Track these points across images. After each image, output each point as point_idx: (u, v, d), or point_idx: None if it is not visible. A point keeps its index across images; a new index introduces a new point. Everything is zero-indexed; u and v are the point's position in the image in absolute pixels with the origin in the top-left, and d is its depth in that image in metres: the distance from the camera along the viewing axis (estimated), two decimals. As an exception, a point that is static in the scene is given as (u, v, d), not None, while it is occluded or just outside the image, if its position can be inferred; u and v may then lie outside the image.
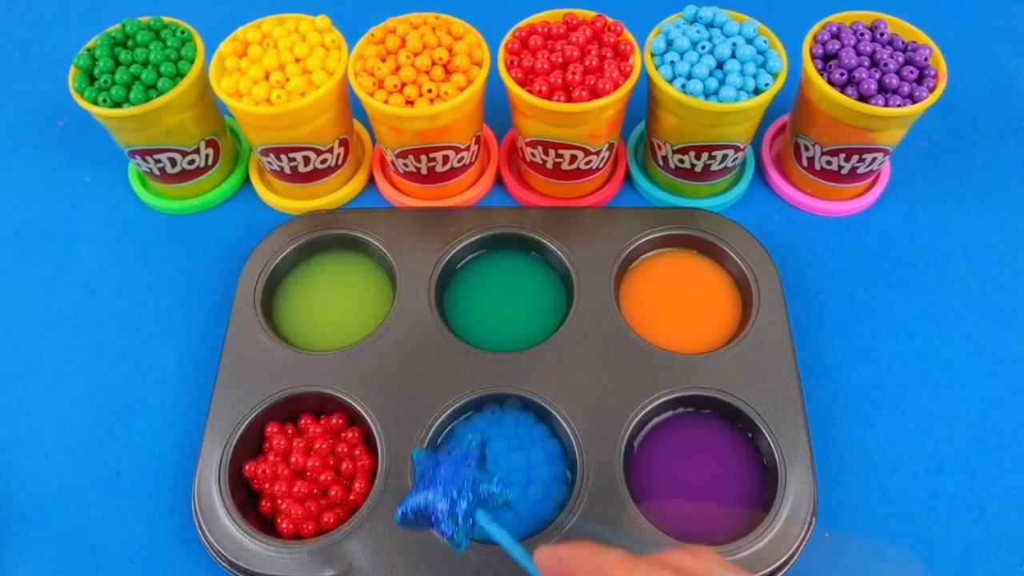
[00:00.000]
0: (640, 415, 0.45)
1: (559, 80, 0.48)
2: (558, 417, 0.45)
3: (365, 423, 0.45)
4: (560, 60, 0.48)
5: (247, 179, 0.59)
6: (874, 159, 0.51)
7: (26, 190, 0.59)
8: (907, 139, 0.53)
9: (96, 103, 0.49)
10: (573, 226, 0.52)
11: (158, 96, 0.49)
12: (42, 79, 0.66)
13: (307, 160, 0.53)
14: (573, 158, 0.51)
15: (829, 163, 0.52)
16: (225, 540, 0.41)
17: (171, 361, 0.51)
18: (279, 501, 0.43)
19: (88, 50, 0.51)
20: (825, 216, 0.56)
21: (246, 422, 0.45)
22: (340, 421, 0.46)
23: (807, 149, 0.53)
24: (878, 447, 0.46)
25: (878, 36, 0.50)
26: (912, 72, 0.48)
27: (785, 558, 0.40)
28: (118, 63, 0.50)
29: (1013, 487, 0.45)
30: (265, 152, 0.52)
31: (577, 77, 0.47)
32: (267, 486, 0.44)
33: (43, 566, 0.44)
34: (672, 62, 0.49)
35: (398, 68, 0.49)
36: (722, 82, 0.48)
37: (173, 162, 0.54)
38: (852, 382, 0.49)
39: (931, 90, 0.48)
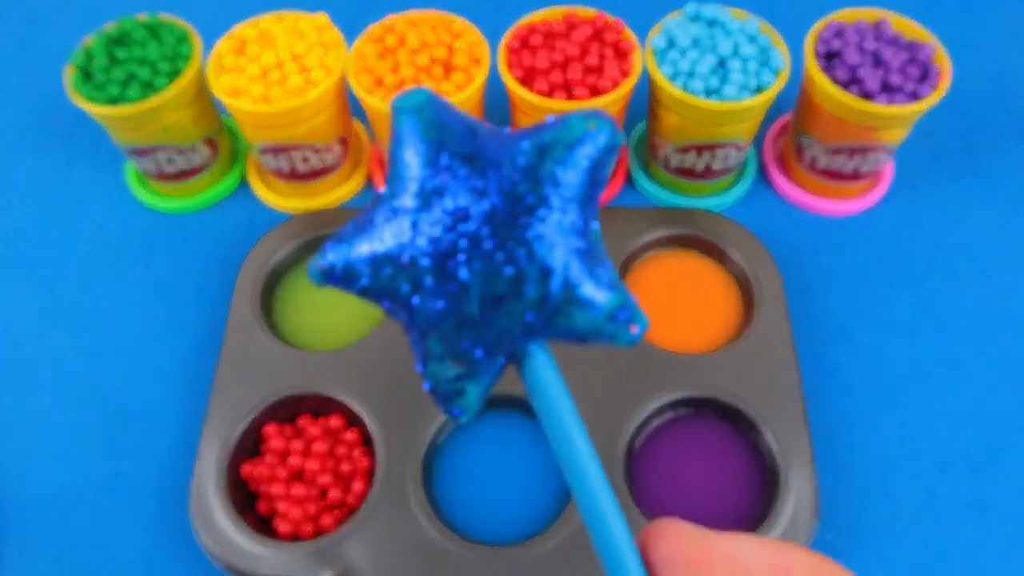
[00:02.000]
0: (641, 416, 0.44)
1: (559, 79, 0.47)
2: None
3: (364, 424, 0.45)
4: (560, 59, 0.48)
5: (245, 178, 0.59)
6: (877, 158, 0.51)
7: (22, 189, 0.59)
8: (911, 138, 0.53)
9: (93, 101, 0.49)
10: (573, 225, 0.52)
11: (155, 94, 0.49)
12: (38, 78, 0.65)
13: (305, 159, 0.52)
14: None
15: (832, 162, 0.52)
16: (222, 541, 0.41)
17: (169, 361, 0.51)
18: (277, 502, 0.43)
19: (84, 48, 0.51)
20: (827, 215, 0.55)
21: (244, 423, 0.45)
22: (339, 422, 0.46)
23: (809, 148, 0.52)
24: (880, 448, 0.46)
25: (881, 34, 0.50)
26: (916, 70, 0.48)
27: (787, 561, 0.40)
28: (115, 61, 0.50)
29: (1016, 488, 0.45)
30: (263, 151, 0.52)
31: (578, 76, 0.47)
32: (265, 487, 0.43)
33: (41, 568, 0.44)
34: (673, 60, 0.49)
35: (397, 66, 0.49)
36: (724, 80, 0.48)
37: (171, 161, 0.54)
38: (854, 383, 0.48)
39: (935, 88, 0.47)
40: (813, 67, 0.49)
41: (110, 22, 0.52)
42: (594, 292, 0.15)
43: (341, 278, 0.17)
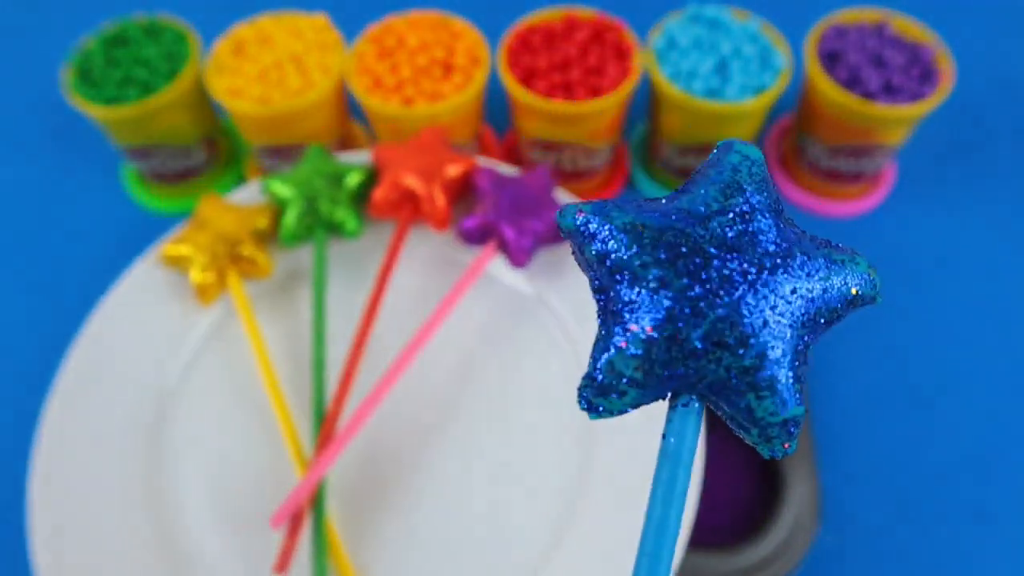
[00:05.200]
0: (642, 419, 0.44)
1: (559, 79, 0.47)
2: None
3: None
4: (560, 59, 0.48)
5: (244, 179, 0.58)
6: (879, 159, 0.51)
7: (20, 190, 0.59)
8: (912, 139, 0.53)
9: (91, 102, 0.49)
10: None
11: (153, 95, 0.49)
12: (36, 78, 0.65)
13: (304, 160, 0.52)
14: (574, 158, 0.51)
15: (833, 163, 0.52)
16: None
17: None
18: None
19: (83, 49, 0.50)
20: (829, 217, 0.55)
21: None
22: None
23: (811, 149, 0.52)
24: (882, 450, 0.46)
25: (883, 35, 0.49)
26: (917, 71, 0.47)
27: (787, 563, 0.40)
28: (113, 62, 0.50)
29: (1018, 490, 0.45)
30: (262, 152, 0.52)
31: (578, 77, 0.47)
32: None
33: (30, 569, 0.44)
34: (674, 61, 0.48)
35: (396, 67, 0.48)
36: (725, 81, 0.47)
37: (169, 162, 0.53)
38: (856, 385, 0.48)
39: (936, 89, 0.47)
40: (814, 68, 0.48)
41: (108, 22, 0.51)
42: (786, 392, 0.15)
43: (587, 236, 0.15)
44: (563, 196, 0.44)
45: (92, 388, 0.42)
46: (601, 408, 0.15)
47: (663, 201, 0.16)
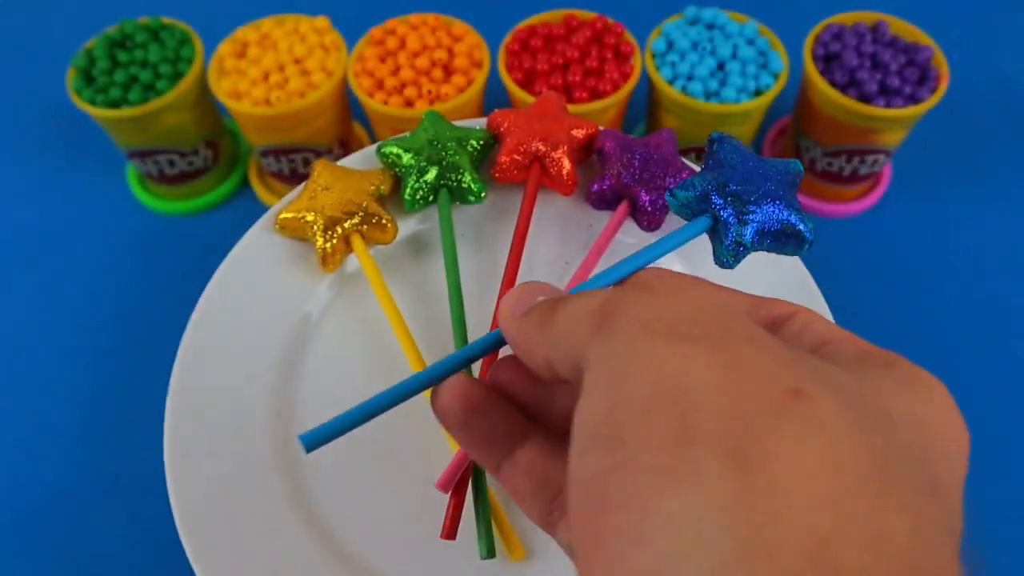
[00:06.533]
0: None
1: (559, 81, 0.47)
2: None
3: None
4: (560, 61, 0.48)
5: (246, 180, 0.59)
6: (876, 160, 0.51)
7: (24, 191, 0.59)
8: (908, 140, 0.53)
9: (94, 104, 0.49)
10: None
11: (157, 97, 0.49)
12: (40, 80, 0.66)
13: (307, 161, 0.52)
14: (573, 159, 0.51)
15: (830, 164, 0.52)
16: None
17: (170, 363, 0.50)
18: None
19: (86, 51, 0.51)
20: (826, 218, 0.56)
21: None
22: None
23: (808, 150, 0.53)
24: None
25: (880, 37, 0.50)
26: (914, 73, 0.48)
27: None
28: (116, 64, 0.50)
29: (1018, 491, 0.45)
30: (264, 153, 0.52)
31: (577, 78, 0.47)
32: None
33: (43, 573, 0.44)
34: (673, 63, 0.49)
35: (397, 69, 0.49)
36: (723, 83, 0.48)
37: (172, 163, 0.54)
38: (853, 384, 0.49)
39: (933, 91, 0.48)
40: (812, 70, 0.49)
41: (112, 25, 0.52)
42: (749, 233, 0.28)
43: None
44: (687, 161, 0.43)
45: (210, 364, 0.41)
46: (675, 195, 0.28)
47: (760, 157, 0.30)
